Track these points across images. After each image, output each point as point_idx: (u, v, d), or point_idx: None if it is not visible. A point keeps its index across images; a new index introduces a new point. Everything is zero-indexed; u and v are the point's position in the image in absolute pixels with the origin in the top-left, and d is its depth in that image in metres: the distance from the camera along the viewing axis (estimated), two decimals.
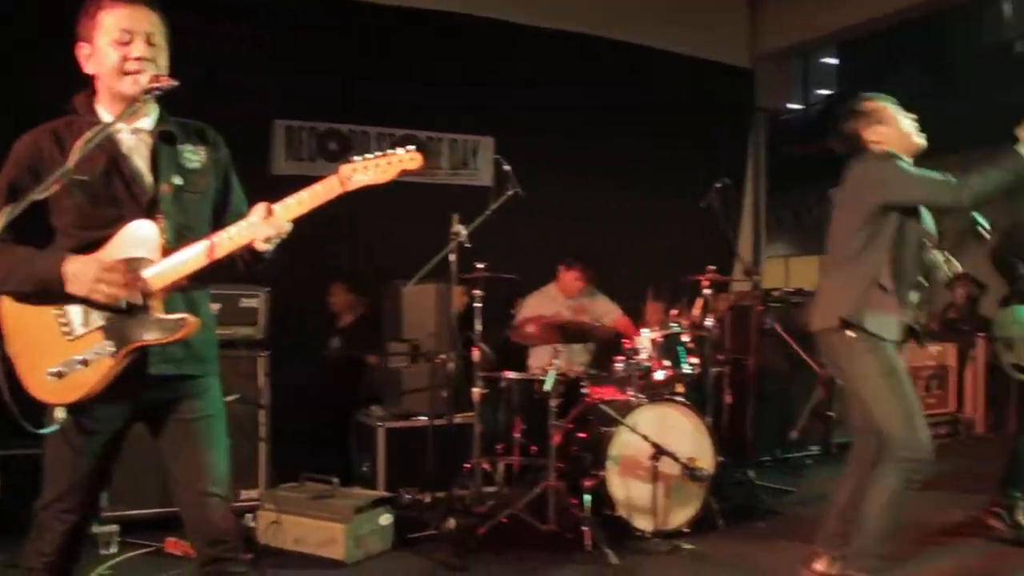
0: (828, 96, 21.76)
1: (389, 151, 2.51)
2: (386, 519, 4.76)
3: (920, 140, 3.78)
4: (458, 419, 5.46)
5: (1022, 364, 4.85)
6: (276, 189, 2.58)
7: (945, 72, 15.91)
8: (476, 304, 5.22)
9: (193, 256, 2.47)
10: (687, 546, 4.74)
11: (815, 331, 3.84)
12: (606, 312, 6.30)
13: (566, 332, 5.32)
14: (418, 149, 2.53)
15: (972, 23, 16.06)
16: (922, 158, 3.79)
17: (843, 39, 13.45)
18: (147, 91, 2.44)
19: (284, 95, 7.28)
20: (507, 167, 5.39)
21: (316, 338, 7.04)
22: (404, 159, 2.52)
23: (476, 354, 5.23)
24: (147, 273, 2.44)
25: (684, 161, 8.39)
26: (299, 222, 2.51)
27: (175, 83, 2.46)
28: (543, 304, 6.21)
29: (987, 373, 8.25)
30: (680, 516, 4.94)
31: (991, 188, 3.44)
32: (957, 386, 8.47)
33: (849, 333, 3.63)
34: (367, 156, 2.50)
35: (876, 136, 3.75)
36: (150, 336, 2.45)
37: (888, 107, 3.80)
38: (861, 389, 3.70)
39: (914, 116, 3.85)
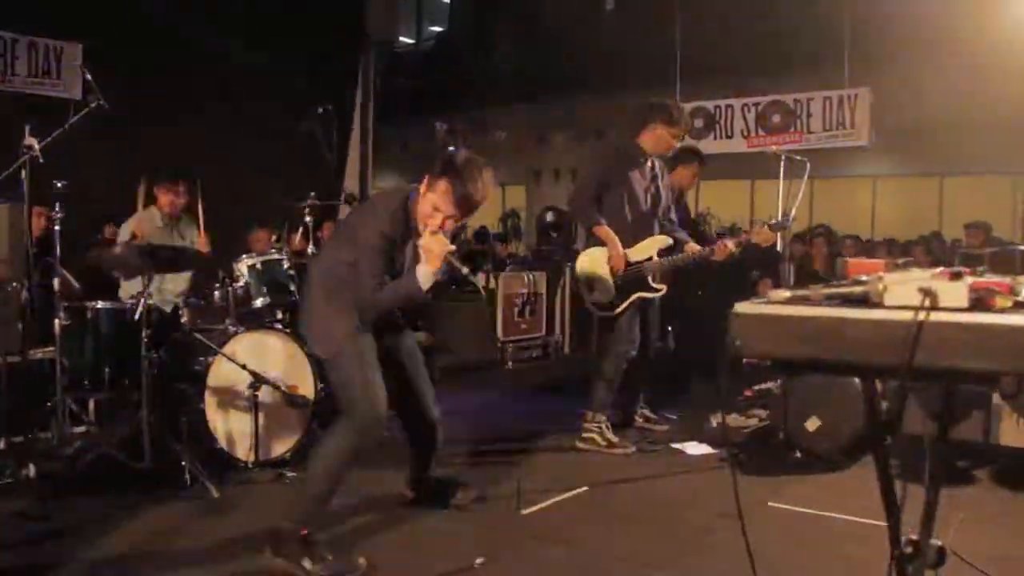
0: (439, 33, 22.45)
1: None
2: None
3: None
4: (37, 354, 4.97)
5: (601, 302, 5.35)
6: None
7: (540, 20, 16.91)
8: (56, 227, 4.73)
9: None
10: (291, 474, 4.72)
11: None
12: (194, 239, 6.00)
13: (159, 258, 5.02)
14: None
15: None
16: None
17: None
18: None
19: None
20: (89, 77, 4.94)
21: None
22: None
23: (57, 282, 4.77)
24: None
25: (292, 84, 8.19)
26: None
27: None
28: (143, 228, 5.78)
29: (573, 300, 9.05)
30: (282, 444, 4.90)
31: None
32: (547, 311, 9.21)
33: None
34: None
35: None
36: None
37: None
38: None
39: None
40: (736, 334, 1.92)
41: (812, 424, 5.01)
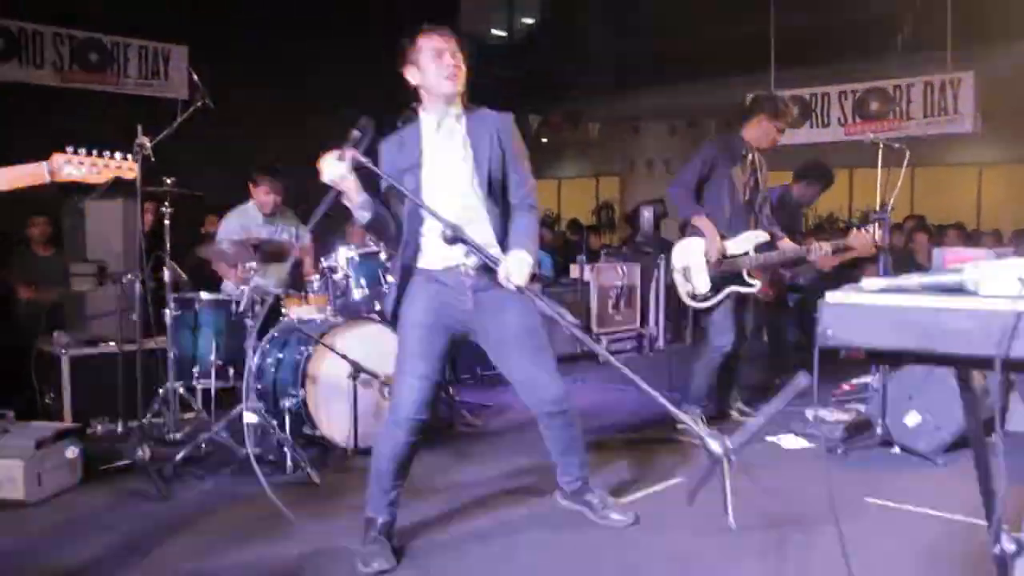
0: (531, 24, 22.44)
1: (108, 154, 2.45)
2: (72, 452, 4.48)
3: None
4: (150, 344, 5.21)
5: (696, 293, 5.34)
6: None
7: (632, 9, 16.71)
8: (166, 221, 4.95)
9: None
10: None
11: None
12: (296, 234, 6.15)
13: (262, 251, 5.20)
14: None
15: None
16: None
17: None
18: None
19: None
20: (196, 77, 5.14)
21: None
22: (122, 166, 2.48)
23: (167, 275, 4.99)
24: None
25: (386, 79, 8.29)
26: None
27: None
28: (241, 222, 5.99)
29: (668, 292, 8.98)
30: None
31: None
32: (641, 304, 9.17)
33: None
34: (82, 152, 2.41)
35: None
36: None
37: None
38: None
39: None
40: (827, 324, 1.91)
41: (912, 419, 4.90)
